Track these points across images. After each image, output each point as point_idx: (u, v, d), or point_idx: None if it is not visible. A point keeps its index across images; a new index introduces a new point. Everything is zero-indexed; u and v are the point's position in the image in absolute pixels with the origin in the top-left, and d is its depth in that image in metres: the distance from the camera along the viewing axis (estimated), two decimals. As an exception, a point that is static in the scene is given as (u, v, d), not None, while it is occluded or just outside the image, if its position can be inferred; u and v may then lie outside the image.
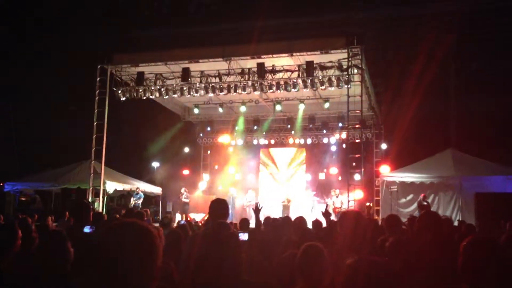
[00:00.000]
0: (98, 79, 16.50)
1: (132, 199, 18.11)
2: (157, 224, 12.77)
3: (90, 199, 15.74)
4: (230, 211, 5.22)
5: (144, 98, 16.92)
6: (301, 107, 18.32)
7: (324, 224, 7.53)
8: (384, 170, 18.22)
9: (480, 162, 16.61)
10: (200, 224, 11.65)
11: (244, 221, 7.38)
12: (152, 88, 16.70)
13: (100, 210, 15.74)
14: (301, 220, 5.12)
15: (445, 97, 20.28)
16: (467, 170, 16.12)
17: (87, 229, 4.23)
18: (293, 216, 7.21)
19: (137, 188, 18.81)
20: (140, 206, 17.44)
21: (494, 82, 19.09)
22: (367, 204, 17.75)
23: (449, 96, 19.93)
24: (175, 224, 14.26)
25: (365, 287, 2.20)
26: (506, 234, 5.36)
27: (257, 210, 5.16)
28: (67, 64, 20.93)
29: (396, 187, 16.72)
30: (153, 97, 17.09)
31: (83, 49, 20.03)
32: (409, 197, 16.45)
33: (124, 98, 16.85)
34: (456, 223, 10.42)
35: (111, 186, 17.71)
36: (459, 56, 19.99)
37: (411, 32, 20.47)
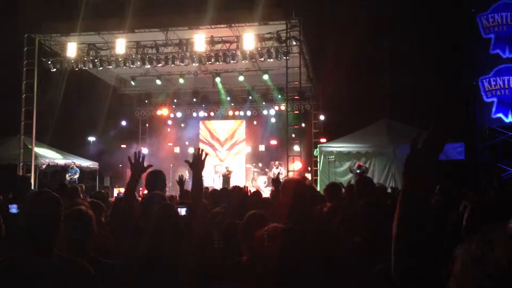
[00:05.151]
0: (25, 48, 15.59)
1: (67, 174, 17.43)
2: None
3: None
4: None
5: (77, 69, 16.19)
6: (241, 78, 18.20)
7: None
8: (323, 140, 18.60)
9: (413, 130, 17.30)
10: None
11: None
12: (85, 58, 15.98)
13: (33, 186, 15.11)
14: (237, 189, 5.09)
15: (379, 68, 20.86)
16: (400, 139, 16.77)
17: (14, 210, 3.99)
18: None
19: (72, 162, 18.13)
20: (77, 182, 16.84)
21: (425, 53, 19.85)
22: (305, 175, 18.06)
23: (384, 67, 20.51)
24: (112, 199, 13.93)
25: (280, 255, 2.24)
26: (434, 199, 5.66)
27: (181, 182, 5.05)
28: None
29: (333, 157, 17.14)
30: (87, 68, 16.39)
31: (8, 16, 18.71)
32: (346, 166, 16.91)
33: (54, 69, 16.04)
34: (389, 190, 10.85)
35: (44, 160, 16.98)
36: (392, 32, 20.55)
37: (348, 5, 20.76)
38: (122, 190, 17.39)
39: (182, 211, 3.58)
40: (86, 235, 2.77)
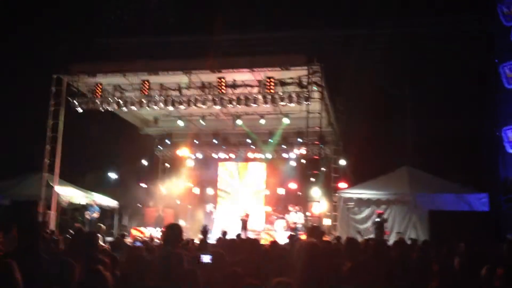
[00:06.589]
0: (53, 89, 16.07)
1: (87, 212, 17.48)
2: (110, 238, 12.41)
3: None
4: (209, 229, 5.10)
5: (102, 110, 16.54)
6: (262, 122, 18.27)
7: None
8: (342, 186, 18.43)
9: (434, 179, 17.05)
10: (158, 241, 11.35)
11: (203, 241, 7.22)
12: (110, 99, 16.33)
13: (53, 224, 15.26)
14: (249, 243, 5.02)
15: (401, 115, 20.79)
16: (421, 187, 16.52)
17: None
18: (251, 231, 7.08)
19: (92, 201, 18.26)
20: (96, 220, 16.94)
21: (447, 102, 19.75)
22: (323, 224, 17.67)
23: (405, 114, 20.45)
24: (129, 239, 13.93)
25: None
26: (457, 260, 5.51)
27: (204, 233, 5.00)
28: (20, 73, 20.18)
29: (353, 203, 16.94)
30: (111, 109, 16.73)
31: (38, 58, 19.41)
32: (366, 213, 16.68)
33: (81, 110, 16.41)
34: (408, 241, 10.65)
35: (65, 198, 17.14)
36: (412, 77, 20.61)
37: (369, 51, 20.98)
38: (140, 230, 17.44)
39: (207, 258, 3.59)
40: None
